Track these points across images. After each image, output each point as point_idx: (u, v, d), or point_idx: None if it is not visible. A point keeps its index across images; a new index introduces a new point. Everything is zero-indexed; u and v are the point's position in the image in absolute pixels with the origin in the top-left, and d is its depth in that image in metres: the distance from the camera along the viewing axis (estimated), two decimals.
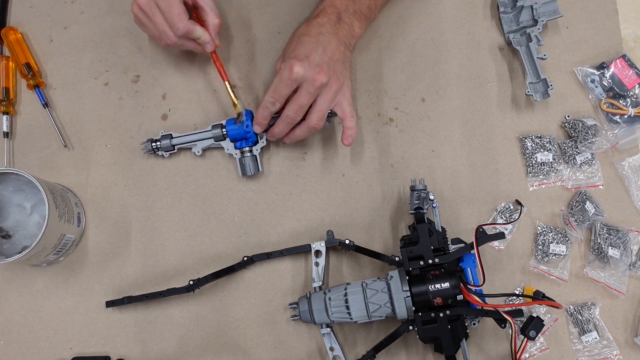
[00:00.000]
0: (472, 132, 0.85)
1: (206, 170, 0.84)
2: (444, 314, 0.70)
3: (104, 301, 0.79)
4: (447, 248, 0.74)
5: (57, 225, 0.74)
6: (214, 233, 0.82)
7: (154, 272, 0.81)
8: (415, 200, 0.74)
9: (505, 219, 0.81)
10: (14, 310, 0.80)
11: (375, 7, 0.83)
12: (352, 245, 0.77)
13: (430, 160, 0.84)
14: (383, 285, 0.71)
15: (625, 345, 0.77)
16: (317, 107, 0.75)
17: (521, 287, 0.79)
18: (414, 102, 0.86)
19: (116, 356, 0.79)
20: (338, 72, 0.75)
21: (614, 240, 0.78)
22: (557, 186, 0.82)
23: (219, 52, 0.81)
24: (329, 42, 0.74)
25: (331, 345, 0.76)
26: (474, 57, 0.87)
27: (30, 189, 0.78)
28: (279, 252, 0.79)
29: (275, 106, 0.75)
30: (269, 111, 0.76)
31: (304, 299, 0.75)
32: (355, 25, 0.79)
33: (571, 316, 0.78)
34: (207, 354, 0.79)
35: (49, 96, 0.87)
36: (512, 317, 0.69)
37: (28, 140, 0.85)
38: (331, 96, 0.75)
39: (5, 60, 0.86)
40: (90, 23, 0.89)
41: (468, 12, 0.89)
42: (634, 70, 0.84)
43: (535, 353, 0.77)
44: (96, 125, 0.86)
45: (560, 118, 0.85)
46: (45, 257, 0.76)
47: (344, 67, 0.77)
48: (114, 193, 0.83)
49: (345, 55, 0.77)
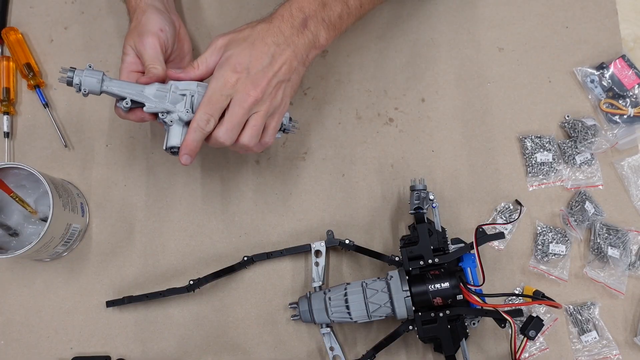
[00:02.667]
0: (472, 132, 0.85)
1: (206, 170, 0.84)
2: (443, 314, 0.70)
3: (105, 301, 0.79)
4: (447, 248, 0.74)
5: (62, 214, 0.74)
6: (214, 233, 0.82)
7: (154, 272, 0.81)
8: (415, 200, 0.74)
9: (505, 219, 0.81)
10: (14, 310, 0.80)
11: (348, 17, 0.72)
12: (352, 245, 0.77)
13: (430, 160, 0.84)
14: (383, 285, 0.71)
15: (624, 345, 0.77)
16: (249, 123, 0.67)
17: (521, 287, 0.79)
18: (414, 102, 0.86)
19: (116, 356, 0.79)
20: (277, 93, 0.67)
21: (614, 240, 0.78)
22: (556, 186, 0.82)
23: None
24: (280, 55, 0.66)
25: (331, 345, 0.76)
26: (474, 57, 0.87)
27: (31, 183, 0.79)
28: (279, 252, 0.79)
29: (210, 125, 0.65)
30: (203, 134, 0.65)
31: (304, 299, 0.75)
32: (321, 36, 0.70)
33: (571, 316, 0.78)
34: (207, 354, 0.79)
35: (49, 96, 0.87)
36: (512, 316, 0.69)
37: (28, 140, 0.85)
38: (263, 114, 0.67)
39: (6, 61, 0.86)
40: (91, 23, 0.89)
41: (468, 12, 0.89)
42: (633, 70, 0.85)
43: (535, 353, 0.77)
44: (96, 125, 0.86)
45: (560, 118, 0.85)
46: (54, 248, 0.76)
47: (287, 87, 0.69)
48: (114, 193, 0.83)
49: (297, 72, 0.69)
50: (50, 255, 0.79)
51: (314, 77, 0.87)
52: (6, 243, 0.79)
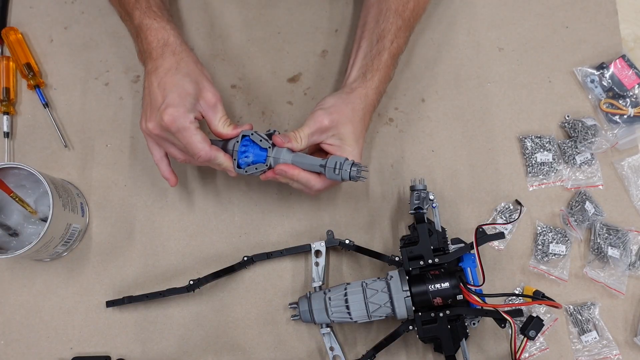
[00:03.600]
0: (472, 132, 0.85)
1: (206, 170, 0.84)
2: (443, 314, 0.70)
3: (105, 301, 0.79)
4: (447, 248, 0.74)
5: (62, 214, 0.74)
6: (214, 233, 0.82)
7: (154, 271, 0.81)
8: (415, 200, 0.74)
9: (505, 219, 0.81)
10: (14, 310, 0.80)
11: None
12: (352, 245, 0.77)
13: (430, 160, 0.84)
14: (383, 285, 0.71)
15: (624, 345, 0.77)
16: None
17: (521, 287, 0.79)
18: (414, 102, 0.86)
19: (116, 356, 0.79)
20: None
21: (614, 240, 0.78)
22: (556, 186, 0.82)
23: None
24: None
25: (331, 345, 0.76)
26: (474, 57, 0.87)
27: (31, 183, 0.79)
28: (279, 252, 0.79)
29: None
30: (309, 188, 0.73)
31: (304, 299, 0.75)
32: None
33: (571, 316, 0.78)
34: (207, 354, 0.79)
35: (49, 96, 0.87)
36: (512, 317, 0.69)
37: (28, 140, 0.85)
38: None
39: (6, 61, 0.86)
40: (91, 23, 0.89)
41: (468, 12, 0.89)
42: (633, 70, 0.85)
43: (535, 353, 0.77)
44: (96, 125, 0.86)
45: (560, 118, 0.85)
46: (54, 248, 0.76)
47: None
48: (114, 193, 0.83)
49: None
50: (50, 255, 0.79)
51: (314, 77, 0.87)
52: (6, 243, 0.79)
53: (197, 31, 0.89)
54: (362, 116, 0.74)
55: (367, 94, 0.75)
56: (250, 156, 0.70)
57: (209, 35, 0.89)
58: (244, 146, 0.71)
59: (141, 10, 0.73)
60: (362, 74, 0.76)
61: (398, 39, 0.77)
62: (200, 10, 0.90)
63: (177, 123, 0.66)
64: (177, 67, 0.69)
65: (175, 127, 0.66)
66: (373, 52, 0.76)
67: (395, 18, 0.77)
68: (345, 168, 0.68)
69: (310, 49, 0.88)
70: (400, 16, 0.77)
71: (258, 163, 0.70)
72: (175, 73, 0.68)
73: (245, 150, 0.70)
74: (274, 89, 0.87)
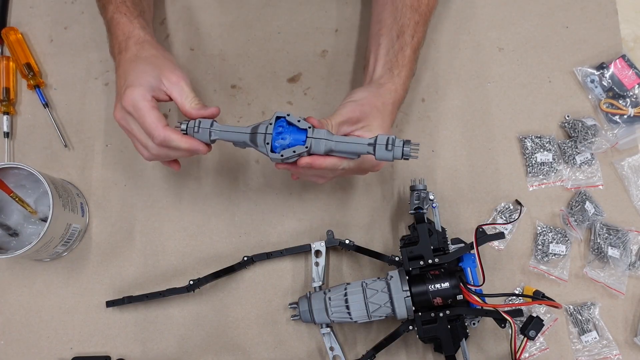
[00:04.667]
0: (472, 132, 0.85)
1: (206, 170, 0.84)
2: (443, 314, 0.70)
3: (105, 301, 0.79)
4: (447, 248, 0.74)
5: (62, 214, 0.74)
6: (214, 233, 0.82)
7: (154, 271, 0.81)
8: (415, 200, 0.74)
9: (505, 219, 0.81)
10: (14, 310, 0.80)
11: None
12: (352, 245, 0.77)
13: (430, 160, 0.84)
14: (383, 285, 0.71)
15: (624, 345, 0.77)
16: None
17: (521, 287, 0.79)
18: (414, 102, 0.86)
19: (116, 356, 0.79)
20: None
21: (614, 240, 0.78)
22: (556, 186, 0.82)
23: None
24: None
25: (331, 345, 0.76)
26: (474, 57, 0.87)
27: (31, 183, 0.79)
28: (279, 252, 0.79)
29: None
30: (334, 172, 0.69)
31: (304, 299, 0.75)
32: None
33: (571, 316, 0.78)
34: (207, 354, 0.79)
35: (49, 96, 0.87)
36: (512, 317, 0.69)
37: (28, 140, 0.85)
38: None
39: (6, 61, 0.86)
40: (91, 23, 0.89)
41: (468, 12, 0.89)
42: (633, 70, 0.85)
43: (535, 353, 0.77)
44: (96, 125, 0.86)
45: (560, 118, 0.85)
46: (54, 248, 0.76)
47: None
48: (114, 193, 0.83)
49: None
50: (50, 255, 0.79)
51: (314, 77, 0.87)
52: (6, 243, 0.79)
53: (197, 31, 0.89)
54: (391, 110, 0.73)
55: (397, 89, 0.74)
56: (287, 138, 0.64)
57: (209, 35, 0.89)
58: (279, 127, 0.64)
59: (115, 4, 0.74)
60: (389, 69, 0.75)
61: (417, 34, 0.77)
62: (200, 11, 0.90)
63: (134, 101, 0.67)
64: (137, 54, 0.70)
65: (131, 106, 0.67)
66: (395, 48, 0.76)
67: (412, 13, 0.77)
68: (398, 144, 0.63)
69: (310, 49, 0.88)
70: (417, 11, 0.77)
71: (296, 145, 0.64)
72: (136, 59, 0.70)
73: (282, 132, 0.64)
74: (274, 89, 0.87)
